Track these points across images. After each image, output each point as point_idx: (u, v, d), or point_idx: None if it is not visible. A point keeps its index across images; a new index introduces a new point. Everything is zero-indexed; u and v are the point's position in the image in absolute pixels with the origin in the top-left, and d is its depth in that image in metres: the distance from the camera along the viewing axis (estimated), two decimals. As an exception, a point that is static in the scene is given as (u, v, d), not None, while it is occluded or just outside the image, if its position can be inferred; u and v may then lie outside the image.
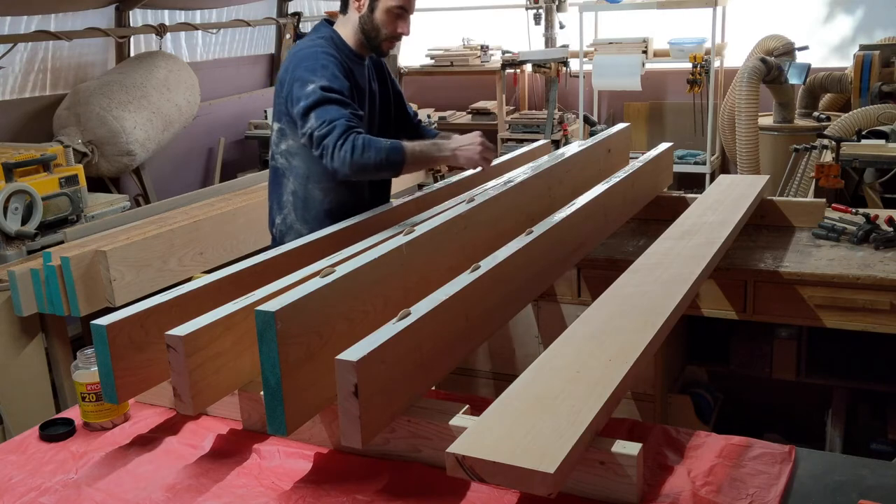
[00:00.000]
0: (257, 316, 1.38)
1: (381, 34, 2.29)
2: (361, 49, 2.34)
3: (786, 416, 3.01)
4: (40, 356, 2.90)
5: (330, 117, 2.11)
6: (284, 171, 2.33)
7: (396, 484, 1.44)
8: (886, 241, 2.57)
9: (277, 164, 2.35)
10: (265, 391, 1.40)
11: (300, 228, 2.34)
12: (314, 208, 2.33)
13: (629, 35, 6.29)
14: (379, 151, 2.11)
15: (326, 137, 2.10)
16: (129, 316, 1.58)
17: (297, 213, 2.35)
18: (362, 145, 2.09)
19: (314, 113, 2.13)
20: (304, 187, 2.32)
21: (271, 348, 1.38)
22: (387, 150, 2.12)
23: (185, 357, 1.48)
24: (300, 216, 2.35)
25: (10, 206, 3.11)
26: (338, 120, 2.11)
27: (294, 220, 2.35)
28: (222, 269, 1.87)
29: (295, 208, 2.34)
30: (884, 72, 4.81)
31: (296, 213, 2.35)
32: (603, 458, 1.33)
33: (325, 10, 6.49)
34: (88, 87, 4.28)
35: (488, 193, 2.18)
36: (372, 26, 2.28)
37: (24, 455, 1.59)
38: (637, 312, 1.78)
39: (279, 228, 2.39)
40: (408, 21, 2.32)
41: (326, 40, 2.28)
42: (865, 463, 1.47)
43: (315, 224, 2.31)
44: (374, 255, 1.69)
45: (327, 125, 2.11)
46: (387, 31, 2.29)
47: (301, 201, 2.33)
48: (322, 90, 2.14)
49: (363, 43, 2.32)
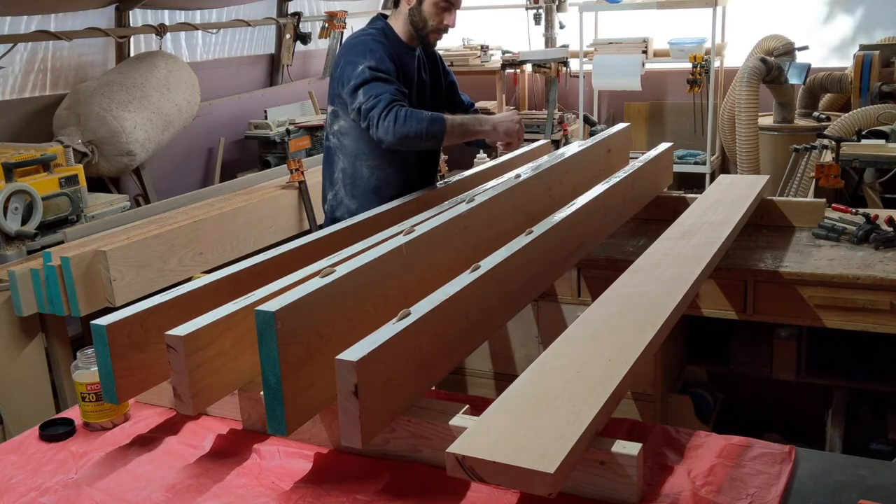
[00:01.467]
0: (257, 316, 1.38)
1: (428, 26, 2.50)
2: (411, 41, 2.55)
3: (786, 416, 3.01)
4: (40, 356, 2.90)
5: (376, 92, 2.34)
6: (336, 150, 2.55)
7: (396, 484, 1.44)
8: (886, 241, 2.57)
9: (330, 143, 2.57)
10: (265, 391, 1.40)
11: (349, 203, 2.56)
12: (361, 185, 2.54)
13: (629, 35, 6.29)
14: (420, 122, 2.33)
15: (372, 110, 2.33)
16: (129, 316, 1.58)
17: (346, 189, 2.57)
18: (405, 116, 2.31)
19: (362, 90, 2.36)
20: (352, 165, 2.53)
21: (271, 348, 1.38)
22: (428, 120, 2.35)
23: (185, 357, 1.47)
24: (349, 192, 2.56)
25: (10, 206, 3.11)
26: (383, 94, 2.33)
27: (343, 196, 2.57)
28: (222, 269, 1.88)
29: (344, 185, 2.56)
30: (884, 72, 4.81)
31: (345, 189, 2.57)
32: (603, 458, 1.33)
33: (325, 10, 6.49)
34: (88, 87, 4.28)
35: (488, 193, 2.18)
36: (420, 18, 2.49)
37: (24, 455, 1.59)
38: (637, 312, 1.78)
39: (330, 204, 2.62)
40: (454, 14, 2.52)
41: (378, 31, 2.50)
42: (865, 463, 1.47)
43: (363, 199, 2.54)
44: (374, 256, 1.69)
45: (374, 98, 2.33)
46: (433, 24, 2.50)
47: (350, 178, 2.55)
48: (370, 69, 2.36)
49: (412, 34, 2.53)
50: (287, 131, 5.55)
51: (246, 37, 6.03)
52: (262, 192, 3.78)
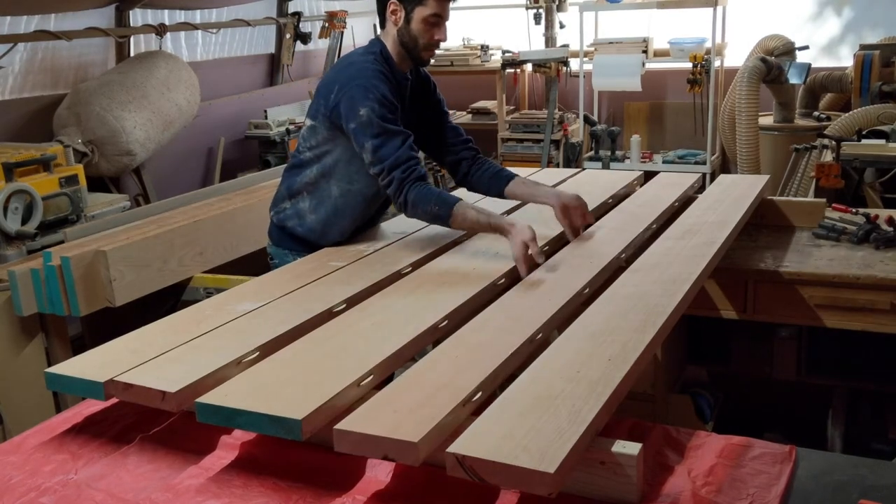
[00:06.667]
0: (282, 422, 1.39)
1: (420, 44, 2.34)
2: (402, 62, 2.38)
3: (786, 416, 3.01)
4: (40, 356, 2.90)
5: (388, 164, 2.21)
6: (309, 163, 2.41)
7: (396, 484, 1.44)
8: (886, 241, 2.57)
9: (303, 156, 2.43)
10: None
11: (310, 217, 2.44)
12: (327, 202, 2.42)
13: (629, 35, 6.29)
14: (426, 213, 2.24)
15: (388, 187, 2.25)
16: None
17: (308, 203, 2.43)
18: (413, 201, 2.22)
19: (371, 147, 2.22)
20: (325, 181, 2.41)
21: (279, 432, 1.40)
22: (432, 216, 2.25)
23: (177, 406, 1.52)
24: (311, 206, 2.43)
25: (10, 206, 3.11)
26: (395, 171, 2.21)
27: (305, 209, 2.44)
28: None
29: (309, 198, 2.43)
30: (884, 72, 4.81)
31: (308, 202, 2.43)
32: (603, 457, 1.33)
33: (326, 10, 6.49)
34: (88, 86, 4.28)
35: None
36: (410, 37, 2.33)
37: (24, 455, 1.59)
38: (637, 312, 1.78)
39: (286, 213, 2.47)
40: (443, 28, 2.36)
41: (376, 56, 2.33)
42: (865, 463, 1.47)
43: (325, 216, 2.42)
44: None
45: (386, 175, 2.23)
46: (424, 41, 2.33)
47: (316, 193, 2.42)
48: (378, 118, 2.21)
49: (403, 55, 2.37)
50: (287, 131, 5.55)
51: (246, 37, 6.03)
52: (262, 192, 3.77)
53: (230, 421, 1.44)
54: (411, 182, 2.22)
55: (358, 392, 1.51)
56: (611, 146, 5.92)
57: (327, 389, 1.47)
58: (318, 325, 1.82)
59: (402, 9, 2.30)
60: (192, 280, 3.02)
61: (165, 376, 1.56)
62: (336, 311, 1.92)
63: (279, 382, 1.52)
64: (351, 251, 2.38)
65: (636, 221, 2.53)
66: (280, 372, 1.57)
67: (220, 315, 1.89)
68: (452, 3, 2.37)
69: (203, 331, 1.79)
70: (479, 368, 1.54)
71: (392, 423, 1.33)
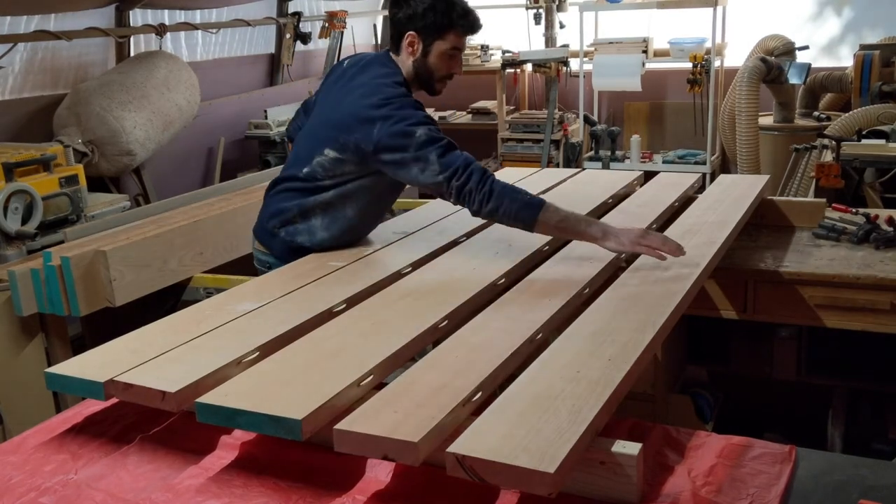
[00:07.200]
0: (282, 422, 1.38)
1: (435, 76, 2.31)
2: (414, 90, 2.34)
3: (786, 416, 3.01)
4: (40, 356, 2.90)
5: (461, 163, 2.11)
6: (326, 187, 2.33)
7: (397, 484, 1.44)
8: (886, 241, 2.57)
9: (322, 182, 2.33)
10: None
11: (322, 234, 2.37)
12: (340, 220, 2.37)
13: (629, 35, 6.29)
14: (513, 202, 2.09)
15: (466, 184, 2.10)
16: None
17: (321, 221, 2.37)
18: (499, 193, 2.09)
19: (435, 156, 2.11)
20: (340, 203, 2.34)
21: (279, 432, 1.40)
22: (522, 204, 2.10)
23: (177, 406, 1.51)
24: (324, 224, 2.37)
25: (10, 206, 3.11)
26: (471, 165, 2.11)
27: (318, 227, 2.37)
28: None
29: (323, 216, 2.36)
30: (884, 71, 4.81)
31: (321, 220, 2.37)
32: (603, 458, 1.33)
33: (326, 10, 6.49)
34: (88, 86, 4.28)
35: None
36: (426, 70, 2.29)
37: (24, 455, 1.59)
38: (637, 312, 1.78)
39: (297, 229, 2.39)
40: (460, 60, 2.33)
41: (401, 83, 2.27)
42: (865, 463, 1.47)
43: (337, 233, 2.37)
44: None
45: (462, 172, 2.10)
46: (440, 73, 2.31)
47: (330, 213, 2.36)
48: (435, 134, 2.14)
49: (416, 85, 2.34)
50: (287, 131, 5.54)
51: (246, 37, 6.03)
52: (262, 192, 3.76)
53: (230, 421, 1.44)
54: (492, 176, 2.13)
55: (358, 392, 1.51)
56: (611, 146, 5.92)
57: (327, 389, 1.47)
58: (318, 325, 1.82)
59: (420, 41, 2.25)
60: (192, 280, 3.02)
61: (165, 376, 1.56)
62: (336, 311, 1.92)
63: (279, 382, 1.52)
64: (351, 251, 2.38)
65: (636, 221, 2.53)
66: (280, 372, 1.57)
67: (220, 315, 1.89)
68: (471, 36, 2.34)
69: (203, 331, 1.79)
70: (478, 369, 1.54)
71: (392, 423, 1.33)
